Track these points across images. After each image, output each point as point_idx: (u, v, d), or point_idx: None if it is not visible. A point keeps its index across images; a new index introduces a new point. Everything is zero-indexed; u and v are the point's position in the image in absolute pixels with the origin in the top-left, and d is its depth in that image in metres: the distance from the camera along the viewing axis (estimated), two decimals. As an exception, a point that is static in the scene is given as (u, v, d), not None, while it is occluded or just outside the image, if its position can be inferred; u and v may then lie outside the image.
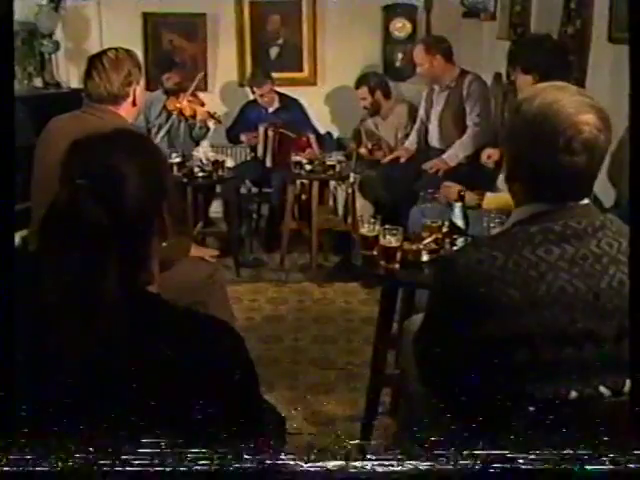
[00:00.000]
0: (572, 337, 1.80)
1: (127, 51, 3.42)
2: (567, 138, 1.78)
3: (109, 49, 3.40)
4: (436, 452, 1.52)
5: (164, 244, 1.65)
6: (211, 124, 6.44)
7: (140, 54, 6.44)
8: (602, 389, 1.83)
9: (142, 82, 3.46)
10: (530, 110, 1.86)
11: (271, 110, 6.65)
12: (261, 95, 6.56)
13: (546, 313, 1.79)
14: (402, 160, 5.97)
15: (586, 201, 1.90)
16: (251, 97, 6.75)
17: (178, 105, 6.27)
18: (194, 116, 6.33)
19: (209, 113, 6.36)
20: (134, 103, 3.40)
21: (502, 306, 1.80)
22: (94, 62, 3.34)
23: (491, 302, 1.81)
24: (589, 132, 1.79)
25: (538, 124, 1.83)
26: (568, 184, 1.86)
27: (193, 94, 6.38)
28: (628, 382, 1.82)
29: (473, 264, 1.84)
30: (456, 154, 5.46)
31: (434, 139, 5.79)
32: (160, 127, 6.35)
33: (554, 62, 3.91)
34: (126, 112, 3.38)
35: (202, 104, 6.36)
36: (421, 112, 5.95)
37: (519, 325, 1.80)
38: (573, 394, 1.81)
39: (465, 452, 1.52)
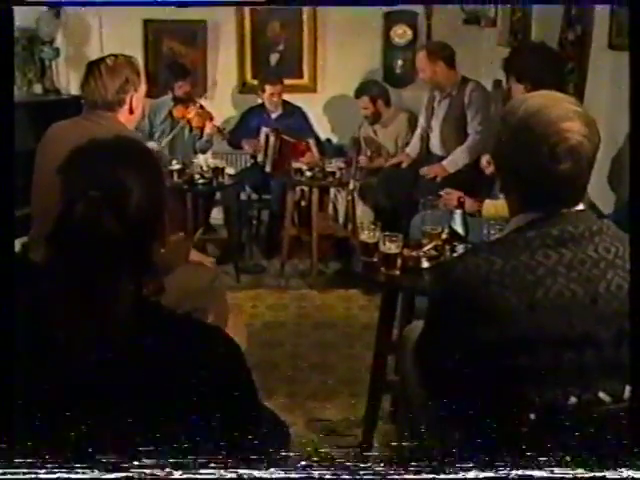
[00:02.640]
0: (571, 342, 1.80)
1: (127, 58, 3.38)
2: (551, 146, 1.79)
3: (109, 55, 3.37)
4: (436, 459, 1.52)
5: (162, 250, 1.66)
6: (215, 139, 6.45)
7: (140, 61, 6.48)
8: (601, 395, 1.83)
9: (142, 89, 3.40)
10: (514, 121, 1.87)
11: (274, 116, 6.65)
12: (271, 94, 6.54)
13: (544, 317, 1.80)
14: (403, 165, 5.96)
15: (581, 206, 1.90)
16: (257, 101, 6.73)
17: (187, 115, 6.26)
18: (202, 129, 6.33)
19: (218, 128, 6.36)
20: (131, 111, 3.37)
21: (500, 310, 1.80)
22: (92, 68, 3.32)
23: (490, 307, 1.81)
24: (574, 139, 1.79)
25: (522, 134, 1.84)
26: (558, 191, 1.86)
27: (201, 105, 6.38)
28: (628, 388, 1.82)
29: (471, 269, 1.84)
30: (456, 161, 5.47)
31: (435, 146, 5.78)
32: (163, 133, 6.33)
33: (547, 71, 3.90)
34: (124, 119, 3.36)
35: (211, 118, 6.35)
36: (422, 119, 5.94)
37: (518, 330, 1.80)
38: (572, 400, 1.81)
39: (465, 458, 1.52)
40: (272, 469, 1.46)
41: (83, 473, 1.41)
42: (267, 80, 6.62)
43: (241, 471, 1.44)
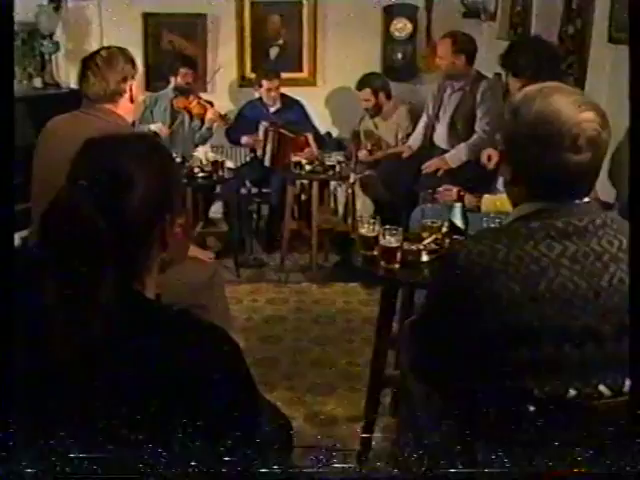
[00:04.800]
0: (572, 334, 1.81)
1: (119, 48, 3.43)
2: (573, 137, 1.79)
3: (101, 49, 3.44)
4: (437, 453, 1.52)
5: (164, 254, 1.64)
6: (215, 126, 6.44)
7: (140, 55, 6.50)
8: (601, 388, 1.84)
9: (137, 77, 3.46)
10: (530, 113, 1.86)
11: (272, 110, 6.64)
12: (268, 89, 6.52)
13: (546, 309, 1.80)
14: (404, 156, 5.95)
15: (587, 199, 1.91)
16: (255, 95, 6.72)
17: (187, 105, 6.26)
18: (203, 116, 6.32)
19: (219, 114, 6.36)
20: (131, 99, 3.41)
21: (503, 299, 1.80)
22: (87, 63, 3.36)
23: (492, 295, 1.80)
24: (593, 129, 1.80)
25: (541, 126, 1.83)
26: (573, 182, 1.86)
27: (199, 97, 6.38)
28: (628, 381, 1.83)
29: (474, 256, 1.84)
30: (459, 156, 5.44)
31: (440, 139, 5.74)
32: (163, 123, 6.32)
33: (542, 65, 3.90)
34: (124, 110, 3.39)
35: (212, 105, 6.35)
36: (429, 110, 5.89)
37: (519, 320, 1.80)
38: (572, 392, 1.81)
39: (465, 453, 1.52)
40: (273, 465, 1.46)
41: (76, 469, 1.41)
42: (264, 75, 6.61)
43: (240, 468, 1.44)
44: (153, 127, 6.06)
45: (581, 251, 1.83)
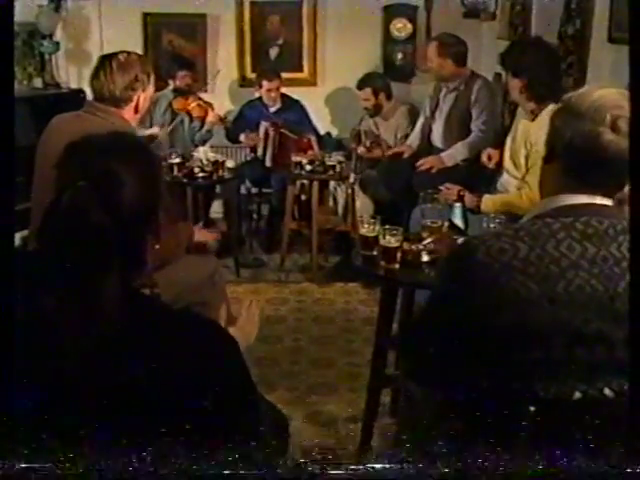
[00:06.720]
0: (584, 337, 1.79)
1: (139, 56, 3.43)
2: (614, 116, 1.78)
3: (122, 52, 3.38)
4: (437, 454, 1.52)
5: (157, 247, 1.65)
6: (215, 128, 6.45)
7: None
8: (606, 391, 1.83)
9: (149, 90, 3.41)
10: (579, 97, 1.87)
11: (273, 110, 6.65)
12: (268, 90, 6.54)
13: (561, 310, 1.78)
14: (405, 156, 5.94)
15: (609, 202, 1.89)
16: (255, 95, 6.72)
17: (187, 106, 6.25)
18: (203, 118, 6.32)
19: (220, 117, 6.36)
20: (136, 110, 3.38)
21: (519, 298, 1.78)
22: (103, 62, 3.34)
23: (508, 293, 1.79)
24: None
25: (588, 102, 1.83)
26: (605, 165, 1.84)
27: (199, 98, 6.38)
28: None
29: (495, 252, 1.82)
30: (454, 155, 5.44)
31: (437, 139, 5.75)
32: (163, 125, 6.31)
33: (542, 66, 3.89)
34: (128, 117, 3.36)
35: (212, 108, 6.36)
36: (426, 110, 5.90)
37: (533, 320, 1.78)
38: (577, 394, 1.81)
39: (466, 454, 1.52)
40: (270, 464, 1.46)
41: (71, 468, 1.41)
42: (264, 76, 6.61)
43: (238, 467, 1.44)
44: (149, 131, 6.03)
45: (600, 254, 1.81)
